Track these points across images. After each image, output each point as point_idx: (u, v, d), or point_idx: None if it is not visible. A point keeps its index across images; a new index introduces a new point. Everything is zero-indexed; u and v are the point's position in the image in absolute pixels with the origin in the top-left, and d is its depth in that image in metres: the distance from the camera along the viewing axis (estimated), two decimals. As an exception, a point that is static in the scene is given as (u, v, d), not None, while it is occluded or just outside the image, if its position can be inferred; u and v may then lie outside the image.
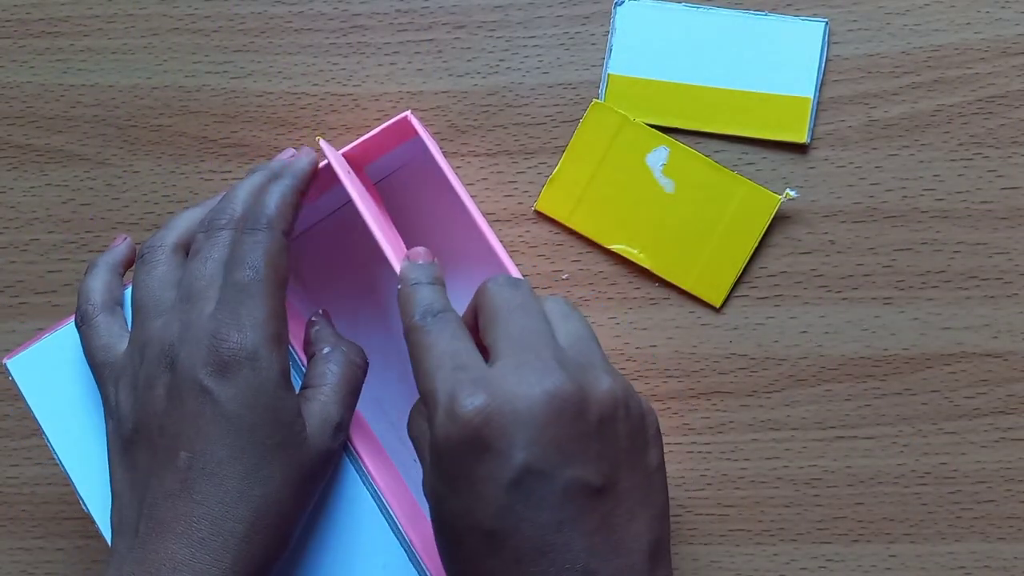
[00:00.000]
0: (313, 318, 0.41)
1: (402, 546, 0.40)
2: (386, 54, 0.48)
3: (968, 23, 0.47)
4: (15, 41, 0.49)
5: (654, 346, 0.47)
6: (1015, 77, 0.47)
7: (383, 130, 0.42)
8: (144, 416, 0.37)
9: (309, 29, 0.48)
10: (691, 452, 0.46)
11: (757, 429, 0.46)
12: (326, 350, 0.40)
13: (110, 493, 0.38)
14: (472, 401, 0.32)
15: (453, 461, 0.33)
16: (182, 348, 0.36)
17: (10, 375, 0.41)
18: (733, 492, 0.46)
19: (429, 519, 0.39)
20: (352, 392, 0.40)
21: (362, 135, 0.42)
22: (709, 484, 0.46)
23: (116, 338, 0.39)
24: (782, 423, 0.46)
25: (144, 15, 0.49)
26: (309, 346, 0.41)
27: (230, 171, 0.48)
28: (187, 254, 0.39)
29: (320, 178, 0.41)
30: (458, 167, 0.48)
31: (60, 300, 0.48)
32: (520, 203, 0.47)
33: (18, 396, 0.41)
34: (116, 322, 0.40)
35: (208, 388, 0.35)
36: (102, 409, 0.40)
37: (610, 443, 0.33)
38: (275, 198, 0.38)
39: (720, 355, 0.47)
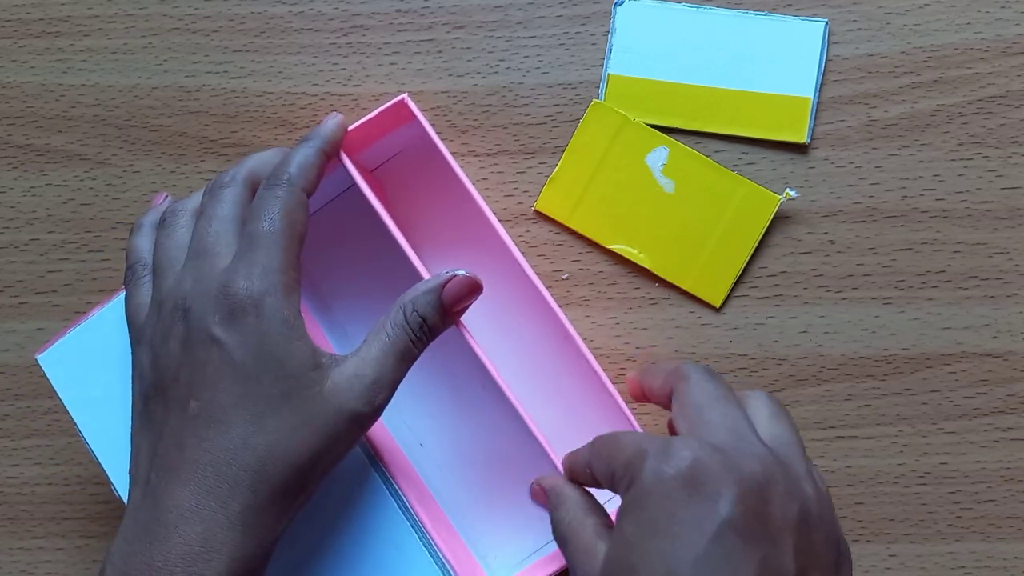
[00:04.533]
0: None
1: (411, 526, 0.40)
2: (386, 54, 0.48)
3: (968, 23, 0.47)
4: (15, 41, 0.49)
5: (654, 346, 0.47)
6: (1015, 77, 0.47)
7: (380, 114, 0.42)
8: (160, 370, 0.37)
9: (309, 29, 0.48)
10: (691, 452, 0.46)
11: (757, 429, 0.46)
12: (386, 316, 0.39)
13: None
14: (687, 449, 0.33)
15: (660, 501, 0.32)
16: (194, 300, 0.37)
17: (42, 370, 0.41)
18: (733, 492, 0.46)
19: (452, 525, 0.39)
20: (400, 357, 0.38)
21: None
22: (709, 484, 0.46)
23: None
24: (782, 423, 0.46)
25: (144, 15, 0.49)
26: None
27: (230, 171, 0.48)
28: None
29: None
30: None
31: (60, 300, 0.48)
32: (520, 203, 0.47)
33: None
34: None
35: (216, 336, 0.36)
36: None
37: (805, 543, 0.33)
38: (297, 157, 0.39)
39: (720, 355, 0.47)
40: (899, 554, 0.46)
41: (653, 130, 0.47)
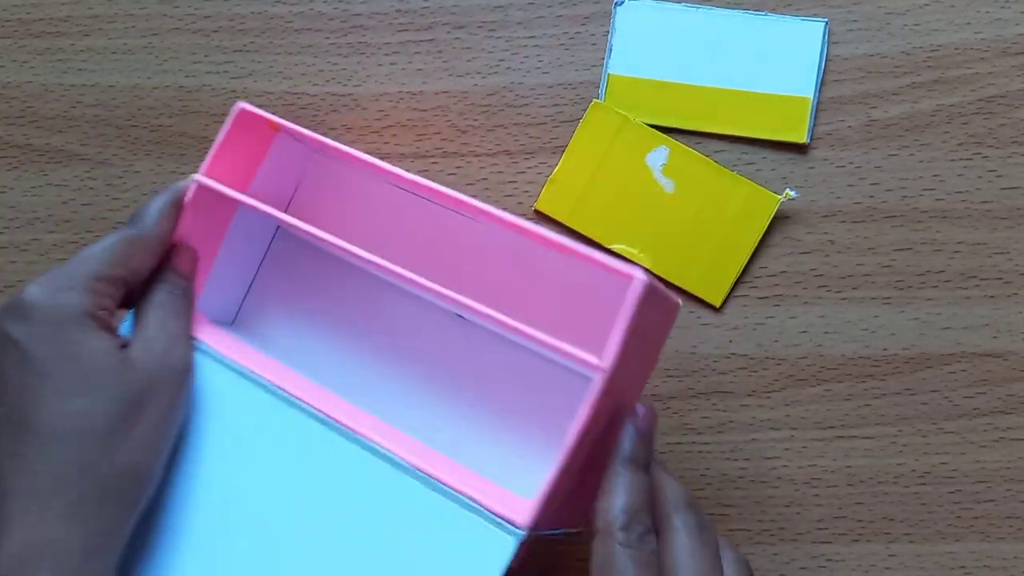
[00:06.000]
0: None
1: (413, 478, 0.36)
2: (386, 54, 0.48)
3: (968, 23, 0.47)
4: (15, 41, 0.49)
5: (654, 346, 0.47)
6: (1015, 77, 0.47)
7: (228, 133, 0.40)
8: None
9: (309, 29, 0.48)
10: (691, 452, 0.46)
11: (757, 429, 0.46)
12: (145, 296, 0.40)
13: None
14: None
15: None
16: None
17: None
18: (733, 492, 0.46)
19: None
20: (174, 315, 0.39)
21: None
22: (709, 484, 0.46)
23: None
24: (782, 423, 0.46)
25: (144, 15, 0.49)
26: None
27: (230, 171, 0.48)
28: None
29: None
30: (458, 167, 0.48)
31: (60, 300, 0.48)
32: (520, 203, 0.47)
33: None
34: None
35: (8, 332, 0.35)
36: None
37: None
38: (149, 203, 0.39)
39: (720, 355, 0.47)
40: (899, 554, 0.46)
41: (653, 130, 0.47)
